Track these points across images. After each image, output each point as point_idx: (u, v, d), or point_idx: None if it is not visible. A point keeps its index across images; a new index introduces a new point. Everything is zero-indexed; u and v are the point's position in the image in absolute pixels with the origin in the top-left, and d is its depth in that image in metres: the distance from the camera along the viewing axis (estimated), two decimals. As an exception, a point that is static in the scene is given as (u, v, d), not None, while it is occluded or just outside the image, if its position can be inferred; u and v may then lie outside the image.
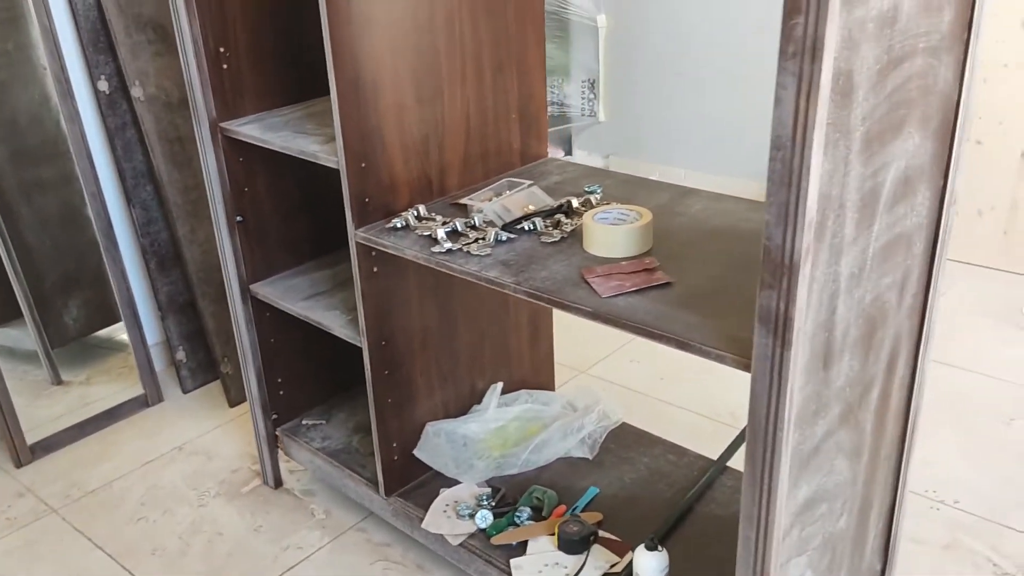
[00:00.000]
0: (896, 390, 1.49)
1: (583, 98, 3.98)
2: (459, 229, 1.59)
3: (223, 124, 1.84)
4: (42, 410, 2.47)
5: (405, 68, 1.62)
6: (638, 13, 3.74)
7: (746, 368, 1.16)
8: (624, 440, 2.03)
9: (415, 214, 1.66)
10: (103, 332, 2.71)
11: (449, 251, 1.53)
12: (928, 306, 1.47)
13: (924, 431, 2.27)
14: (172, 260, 2.52)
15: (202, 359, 2.62)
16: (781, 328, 1.09)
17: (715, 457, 1.96)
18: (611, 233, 1.47)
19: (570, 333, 2.84)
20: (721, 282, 1.37)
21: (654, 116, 3.84)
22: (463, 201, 1.71)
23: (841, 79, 1.02)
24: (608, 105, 3.98)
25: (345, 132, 1.57)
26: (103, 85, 2.32)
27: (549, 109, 4.00)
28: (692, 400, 2.46)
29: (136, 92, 2.31)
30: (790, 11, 0.94)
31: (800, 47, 0.95)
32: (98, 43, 2.29)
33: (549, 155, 1.98)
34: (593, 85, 3.95)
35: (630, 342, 2.75)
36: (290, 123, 1.84)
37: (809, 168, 0.99)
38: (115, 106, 2.35)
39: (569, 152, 4.11)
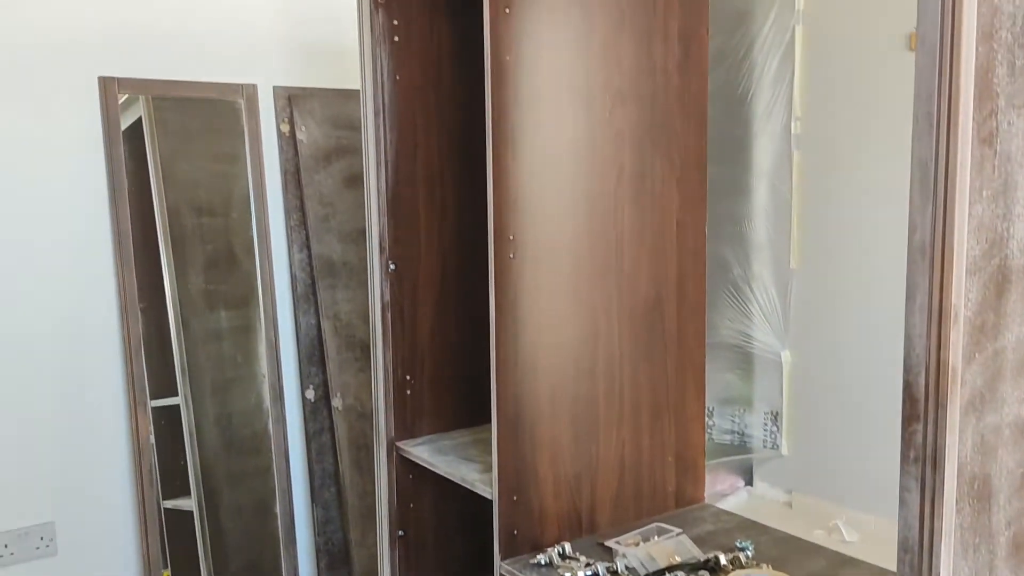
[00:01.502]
0: None
1: (765, 430, 3.93)
2: (600, 574, 1.59)
3: (399, 443, 2.00)
4: None
5: (564, 410, 1.73)
6: (824, 351, 3.75)
7: None
8: None
9: (560, 552, 1.68)
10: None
11: (587, 597, 1.53)
12: None
13: None
14: (341, 561, 2.63)
15: (352, 664, 2.63)
16: None
17: None
18: (753, 601, 1.42)
19: None
20: (869, 675, 1.27)
21: (841, 455, 3.70)
22: (609, 543, 1.72)
23: (977, 483, 1.00)
24: (792, 439, 3.90)
25: (501, 466, 1.67)
26: (310, 394, 2.61)
27: (729, 438, 3.98)
28: None
29: (336, 402, 2.58)
30: (908, 417, 0.96)
31: (921, 454, 0.95)
32: (312, 357, 2.61)
33: (728, 485, 1.97)
34: (776, 418, 3.91)
35: None
36: (457, 447, 1.97)
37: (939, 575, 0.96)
38: (317, 413, 2.62)
39: (750, 483, 4.00)
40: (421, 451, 1.96)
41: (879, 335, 3.53)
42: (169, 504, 2.70)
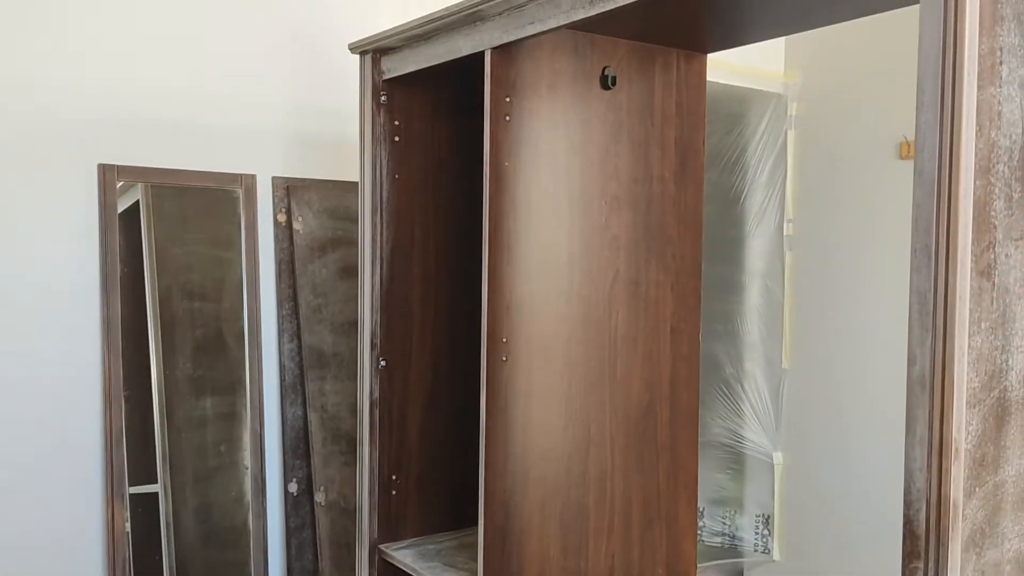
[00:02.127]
0: None
1: (756, 533, 3.85)
2: None
3: (382, 546, 1.94)
4: None
5: (553, 520, 1.69)
6: (816, 453, 3.72)
7: None
8: None
9: (546, 670, 1.62)
10: None
11: None
12: None
13: None
14: (316, 663, 2.53)
15: None
16: None
17: None
18: None
19: None
20: None
21: (835, 562, 3.63)
22: (597, 662, 1.66)
23: (979, 622, 0.97)
24: (783, 544, 3.83)
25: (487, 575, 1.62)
26: (293, 487, 2.55)
27: (719, 540, 3.89)
28: None
29: (319, 497, 2.52)
30: (909, 554, 0.93)
31: (922, 592, 0.92)
32: (297, 449, 2.56)
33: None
34: (767, 521, 3.84)
35: None
36: (443, 552, 1.91)
37: None
38: (299, 507, 2.56)
39: (740, 588, 3.90)
40: (404, 555, 1.90)
41: (873, 440, 3.50)
42: (140, 593, 2.61)
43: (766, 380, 3.86)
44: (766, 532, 3.85)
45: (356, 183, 1.97)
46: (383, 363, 1.94)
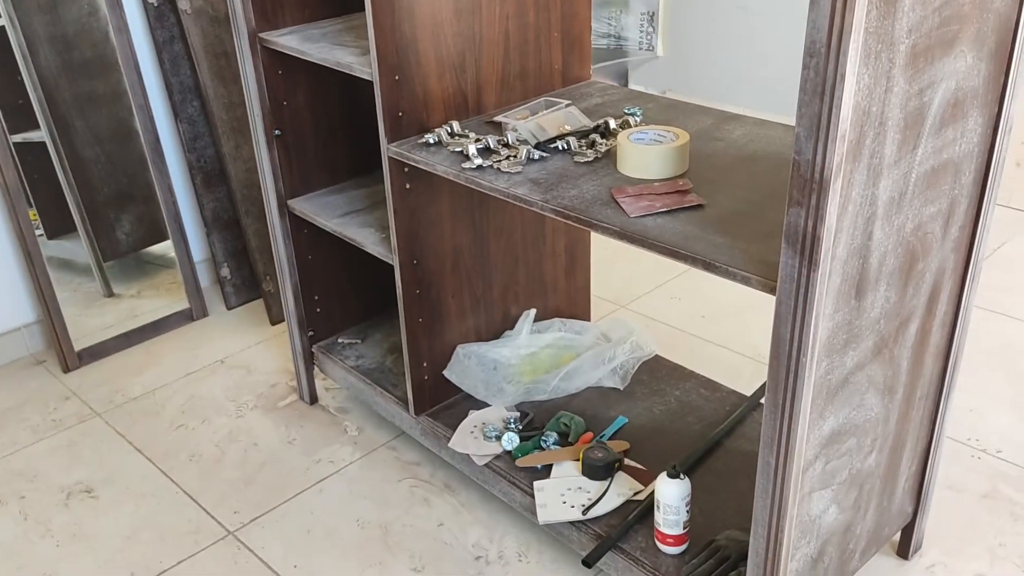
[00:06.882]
0: (936, 327, 1.43)
1: (641, 31, 3.87)
2: (491, 146, 1.56)
3: (262, 35, 1.82)
4: (93, 319, 2.54)
5: (443, -21, 1.58)
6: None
7: (771, 291, 1.12)
8: (657, 372, 2.00)
9: (448, 130, 1.63)
10: (155, 248, 2.75)
11: (479, 167, 1.51)
12: (975, 241, 1.40)
13: (973, 380, 2.20)
14: (217, 177, 2.54)
15: (246, 276, 2.65)
16: (808, 248, 1.05)
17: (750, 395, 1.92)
18: (645, 153, 1.43)
19: (612, 268, 2.81)
20: (755, 206, 1.33)
21: (715, 53, 3.72)
22: (498, 119, 1.68)
23: (886, -15, 0.95)
24: (667, 40, 3.87)
25: (379, 43, 1.54)
26: (152, -2, 2.33)
27: (605, 42, 3.91)
28: (732, 339, 2.42)
29: (183, 5, 2.31)
30: None
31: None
32: (147, -46, 2.29)
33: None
34: (652, 18, 3.83)
35: (673, 279, 2.71)
36: (329, 35, 1.82)
37: (843, 77, 0.94)
38: (163, 19, 2.36)
39: (625, 86, 4.02)
40: (288, 40, 1.79)
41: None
42: (18, 139, 2.48)
43: None
44: (651, 29, 3.86)
45: None
46: None
